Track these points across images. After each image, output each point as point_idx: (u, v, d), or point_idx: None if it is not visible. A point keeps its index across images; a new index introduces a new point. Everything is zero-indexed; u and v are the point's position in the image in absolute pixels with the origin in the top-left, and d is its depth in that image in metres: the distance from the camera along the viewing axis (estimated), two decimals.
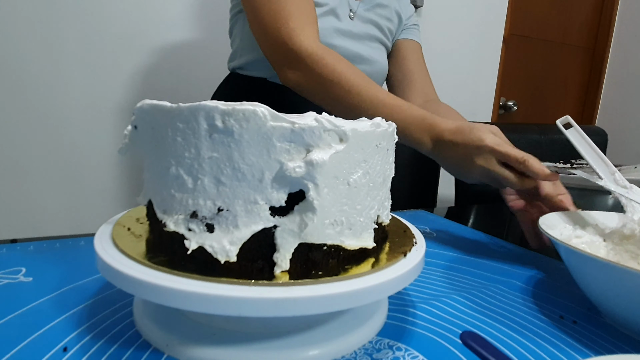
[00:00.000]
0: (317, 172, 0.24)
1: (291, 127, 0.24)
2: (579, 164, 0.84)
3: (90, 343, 0.28)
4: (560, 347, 0.30)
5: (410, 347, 0.29)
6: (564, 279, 0.44)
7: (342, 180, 0.26)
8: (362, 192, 0.27)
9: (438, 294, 0.38)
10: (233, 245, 0.24)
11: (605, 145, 1.36)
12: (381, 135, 0.28)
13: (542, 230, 0.37)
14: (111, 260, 0.25)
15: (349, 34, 0.74)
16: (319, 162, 0.24)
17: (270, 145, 0.24)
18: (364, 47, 0.76)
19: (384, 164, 0.30)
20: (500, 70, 1.76)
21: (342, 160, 0.25)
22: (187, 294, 0.22)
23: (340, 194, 0.26)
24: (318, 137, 0.24)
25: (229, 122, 0.24)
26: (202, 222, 0.25)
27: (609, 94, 2.04)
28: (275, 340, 0.27)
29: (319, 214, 0.25)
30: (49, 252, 0.43)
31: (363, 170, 0.27)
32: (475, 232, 0.61)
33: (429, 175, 1.23)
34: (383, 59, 0.81)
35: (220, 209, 0.25)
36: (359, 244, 0.27)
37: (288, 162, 0.24)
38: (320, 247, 0.26)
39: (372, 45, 0.78)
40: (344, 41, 0.73)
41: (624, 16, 1.98)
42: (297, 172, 0.24)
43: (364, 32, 0.76)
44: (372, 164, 0.28)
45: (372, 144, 0.27)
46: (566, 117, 0.49)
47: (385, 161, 0.30)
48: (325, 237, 0.26)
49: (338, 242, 0.26)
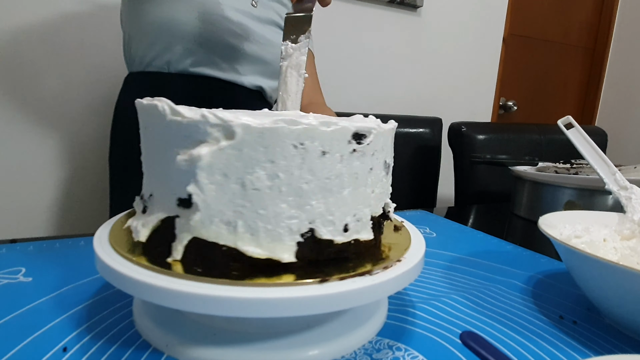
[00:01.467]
0: (198, 167, 0.24)
1: (184, 122, 0.25)
2: (579, 164, 0.84)
3: (90, 343, 0.28)
4: (560, 348, 0.30)
5: (410, 347, 0.29)
6: (564, 279, 0.44)
7: (235, 180, 0.24)
8: (268, 197, 0.24)
9: (438, 294, 0.38)
10: (144, 228, 0.27)
11: (605, 146, 1.36)
12: (306, 134, 0.24)
13: (542, 230, 0.37)
14: (110, 260, 0.25)
15: (251, 15, 0.72)
16: (197, 158, 0.24)
17: (170, 138, 0.25)
18: (268, 30, 0.75)
19: (323, 170, 0.25)
20: (500, 70, 1.76)
21: (232, 158, 0.24)
22: (187, 294, 0.22)
23: (233, 194, 0.24)
24: (204, 133, 0.24)
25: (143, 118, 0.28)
26: (142, 204, 0.30)
27: (608, 94, 2.04)
28: (275, 340, 0.27)
29: (203, 210, 0.24)
30: (49, 252, 0.43)
31: (267, 172, 0.24)
32: (475, 232, 0.61)
33: (429, 175, 1.23)
34: None
35: (150, 194, 0.28)
36: (265, 253, 0.25)
37: (178, 155, 0.25)
38: (215, 245, 0.25)
39: (276, 30, 0.76)
40: (246, 20, 0.72)
41: (624, 16, 1.98)
42: (182, 165, 0.24)
43: (267, 17, 0.74)
44: (287, 167, 0.24)
45: (284, 144, 0.24)
46: (567, 117, 0.49)
47: (326, 166, 0.25)
48: (218, 236, 0.25)
49: (234, 245, 0.25)
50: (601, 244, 0.42)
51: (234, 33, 0.71)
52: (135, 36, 0.71)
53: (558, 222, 0.42)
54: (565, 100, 2.06)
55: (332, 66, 1.39)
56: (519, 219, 0.77)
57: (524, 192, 0.77)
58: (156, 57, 0.70)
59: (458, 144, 1.20)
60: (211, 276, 0.23)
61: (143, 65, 0.72)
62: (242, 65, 0.74)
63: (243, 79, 0.75)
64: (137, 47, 0.72)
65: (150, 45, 0.70)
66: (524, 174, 0.76)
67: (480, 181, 1.16)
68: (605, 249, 0.41)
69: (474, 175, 1.16)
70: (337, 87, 1.41)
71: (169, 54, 0.69)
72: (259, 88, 0.77)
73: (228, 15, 0.69)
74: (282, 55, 0.47)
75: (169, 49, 0.69)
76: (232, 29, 0.70)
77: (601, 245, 0.41)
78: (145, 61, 0.71)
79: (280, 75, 0.46)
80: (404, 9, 1.48)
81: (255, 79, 0.75)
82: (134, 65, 0.74)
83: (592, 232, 0.42)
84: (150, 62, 0.71)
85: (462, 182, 1.19)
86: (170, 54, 0.69)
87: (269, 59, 0.75)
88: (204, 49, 0.70)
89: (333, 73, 1.40)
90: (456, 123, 1.21)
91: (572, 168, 0.77)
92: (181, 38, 0.68)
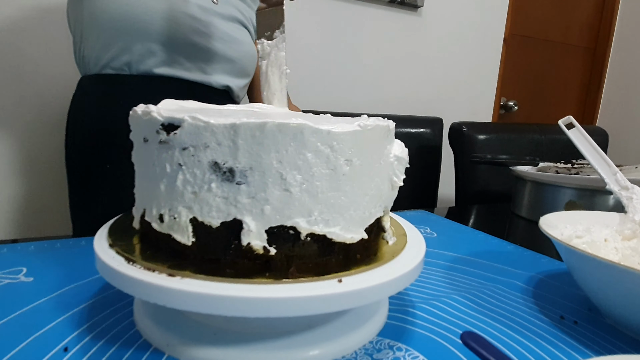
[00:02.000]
0: None
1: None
2: (580, 164, 0.83)
3: (90, 343, 0.28)
4: (560, 348, 0.30)
5: (411, 347, 0.29)
6: (565, 279, 0.44)
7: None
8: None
9: (438, 294, 0.38)
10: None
11: (606, 145, 1.36)
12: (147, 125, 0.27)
13: (542, 230, 0.37)
14: (110, 260, 0.25)
15: (213, 12, 0.70)
16: None
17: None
18: (231, 27, 0.72)
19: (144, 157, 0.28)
20: (500, 70, 1.76)
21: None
22: (187, 294, 0.22)
23: None
24: None
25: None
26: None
27: (609, 94, 2.04)
28: (275, 340, 0.27)
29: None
30: (50, 252, 0.43)
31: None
32: (475, 232, 0.61)
33: (429, 175, 1.23)
34: (252, 42, 0.78)
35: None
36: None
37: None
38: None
39: (239, 27, 0.74)
40: (209, 17, 0.68)
41: (624, 16, 1.98)
42: None
43: (229, 14, 0.72)
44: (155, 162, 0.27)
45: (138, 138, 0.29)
46: (568, 117, 0.49)
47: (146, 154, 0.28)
48: None
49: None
50: (602, 244, 0.41)
51: (199, 31, 0.67)
52: (88, 36, 0.66)
53: (559, 222, 0.42)
54: (566, 100, 2.06)
55: (332, 66, 1.39)
56: (519, 219, 0.77)
57: (525, 192, 0.77)
58: (114, 58, 0.65)
59: (459, 143, 1.20)
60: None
61: (99, 67, 0.66)
62: (208, 64, 0.70)
63: (210, 78, 0.71)
64: (92, 47, 0.66)
65: (106, 45, 0.65)
66: (524, 174, 0.75)
67: (481, 181, 1.16)
68: (607, 249, 0.41)
69: (475, 175, 1.16)
70: (337, 88, 1.41)
71: (128, 54, 0.65)
72: (226, 87, 0.74)
73: (192, 13, 0.66)
74: (259, 54, 0.46)
75: (128, 49, 0.64)
76: (197, 26, 0.67)
77: (602, 245, 0.41)
78: (101, 63, 0.66)
79: (262, 75, 0.45)
80: (404, 9, 1.48)
81: (223, 78, 0.73)
82: (89, 67, 0.68)
83: (593, 232, 0.42)
84: (107, 63, 0.66)
85: (463, 182, 1.19)
86: (129, 55, 0.65)
87: (235, 56, 0.73)
88: (167, 48, 0.66)
89: (333, 73, 1.40)
90: (457, 123, 1.21)
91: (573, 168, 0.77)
92: (141, 37, 0.64)
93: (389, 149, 0.31)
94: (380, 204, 0.31)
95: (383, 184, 0.31)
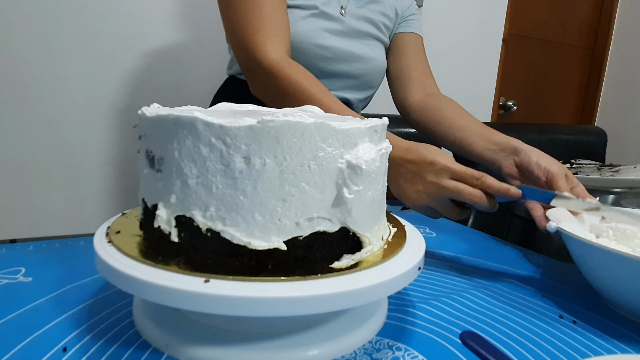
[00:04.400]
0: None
1: None
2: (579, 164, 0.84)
3: (90, 343, 0.28)
4: (559, 347, 0.30)
5: (410, 347, 0.29)
6: (564, 278, 0.44)
7: None
8: None
9: (438, 294, 0.38)
10: None
11: (604, 146, 1.36)
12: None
13: (548, 223, 0.38)
14: (110, 260, 0.25)
15: (340, 32, 0.74)
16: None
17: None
18: (358, 44, 0.76)
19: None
20: (499, 70, 1.76)
21: None
22: (187, 293, 0.22)
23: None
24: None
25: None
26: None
27: (608, 94, 2.04)
28: (275, 340, 0.27)
29: None
30: (49, 252, 0.43)
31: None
32: (475, 232, 0.61)
33: None
34: (380, 56, 0.80)
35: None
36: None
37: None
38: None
39: (367, 42, 0.77)
40: (335, 40, 0.73)
41: (623, 16, 1.98)
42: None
43: (357, 30, 0.75)
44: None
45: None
46: None
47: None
48: None
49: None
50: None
51: (324, 57, 0.72)
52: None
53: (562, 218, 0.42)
54: (564, 100, 2.06)
55: None
56: (518, 219, 0.77)
57: None
58: None
59: None
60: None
61: (236, 70, 0.77)
62: (329, 82, 0.75)
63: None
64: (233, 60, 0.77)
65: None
66: None
67: None
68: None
69: None
70: None
71: None
72: (345, 100, 0.78)
73: (319, 41, 0.71)
74: None
75: None
76: (322, 54, 0.72)
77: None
78: (236, 68, 0.77)
79: None
80: None
81: (342, 93, 0.77)
82: (232, 69, 0.79)
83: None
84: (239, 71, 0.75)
85: None
86: None
87: (358, 74, 0.77)
88: None
89: None
90: None
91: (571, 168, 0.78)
92: None
93: (338, 152, 0.27)
94: (317, 214, 0.27)
95: (320, 192, 0.26)
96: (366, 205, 0.28)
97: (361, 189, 0.27)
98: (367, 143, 0.28)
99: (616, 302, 0.36)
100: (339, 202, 0.27)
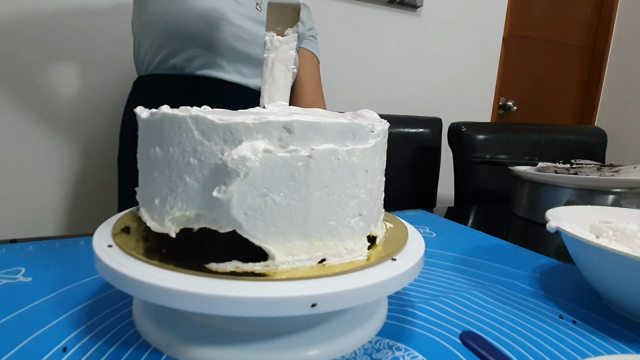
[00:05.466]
0: None
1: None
2: (579, 164, 0.84)
3: (89, 343, 0.28)
4: (559, 347, 0.30)
5: (410, 347, 0.29)
6: (564, 278, 0.44)
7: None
8: None
9: (438, 294, 0.38)
10: None
11: (604, 146, 1.36)
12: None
13: (548, 223, 0.38)
14: (110, 260, 0.25)
15: (255, 20, 0.75)
16: None
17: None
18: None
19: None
20: (499, 71, 1.76)
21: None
22: (187, 294, 0.22)
23: None
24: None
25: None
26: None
27: (608, 94, 2.04)
28: (275, 340, 0.27)
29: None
30: (49, 252, 0.43)
31: None
32: (475, 232, 0.61)
33: (429, 175, 1.23)
34: None
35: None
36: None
37: None
38: None
39: None
40: (250, 25, 0.74)
41: (623, 16, 1.98)
42: None
43: None
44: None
45: None
46: None
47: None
48: None
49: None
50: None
51: (239, 37, 0.73)
52: (144, 41, 0.75)
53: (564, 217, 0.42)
54: (564, 100, 2.06)
55: (331, 67, 1.39)
56: (518, 219, 0.77)
57: (524, 192, 0.77)
58: (163, 60, 0.74)
59: (458, 144, 1.20)
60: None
61: (150, 68, 0.76)
62: (246, 67, 0.76)
63: (248, 80, 0.77)
64: (146, 51, 0.75)
65: (157, 49, 0.74)
66: (523, 174, 0.76)
67: (480, 181, 1.16)
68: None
69: (474, 175, 1.16)
70: (337, 88, 1.41)
71: (176, 58, 0.73)
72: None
73: (233, 20, 0.72)
74: (266, 46, 0.42)
75: (177, 54, 0.73)
76: (238, 33, 0.73)
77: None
78: (152, 64, 0.75)
79: (265, 68, 0.41)
80: (403, 9, 1.48)
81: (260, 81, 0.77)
82: (142, 68, 0.78)
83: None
84: (157, 65, 0.75)
85: (462, 182, 1.19)
86: (177, 58, 0.73)
87: None
88: (210, 52, 0.73)
89: (332, 73, 1.39)
90: (456, 123, 1.21)
91: (571, 168, 0.77)
92: (189, 43, 0.72)
93: (218, 148, 0.25)
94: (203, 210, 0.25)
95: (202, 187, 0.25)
96: (258, 212, 0.25)
97: (231, 189, 0.24)
98: (259, 141, 0.25)
99: (616, 302, 0.36)
100: (217, 202, 0.25)
